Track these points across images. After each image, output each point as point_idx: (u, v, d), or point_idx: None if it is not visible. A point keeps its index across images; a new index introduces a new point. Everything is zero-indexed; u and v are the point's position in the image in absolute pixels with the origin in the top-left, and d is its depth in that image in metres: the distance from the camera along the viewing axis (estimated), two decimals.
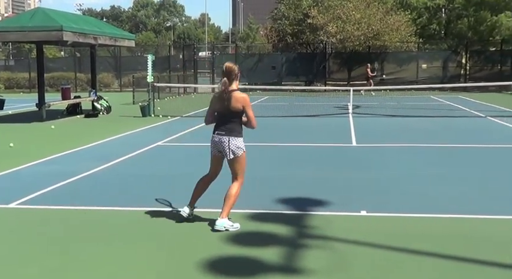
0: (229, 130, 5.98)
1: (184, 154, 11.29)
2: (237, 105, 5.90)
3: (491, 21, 35.28)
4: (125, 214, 6.72)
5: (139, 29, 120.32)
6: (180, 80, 32.34)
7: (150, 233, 5.91)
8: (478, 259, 5.01)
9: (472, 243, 5.47)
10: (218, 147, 6.05)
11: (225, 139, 5.97)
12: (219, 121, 6.07)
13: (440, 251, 5.20)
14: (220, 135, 6.00)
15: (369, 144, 12.24)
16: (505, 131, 14.27)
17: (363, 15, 34.71)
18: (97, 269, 4.90)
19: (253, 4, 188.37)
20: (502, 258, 5.02)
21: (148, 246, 5.48)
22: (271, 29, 44.05)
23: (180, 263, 5.03)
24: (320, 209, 6.71)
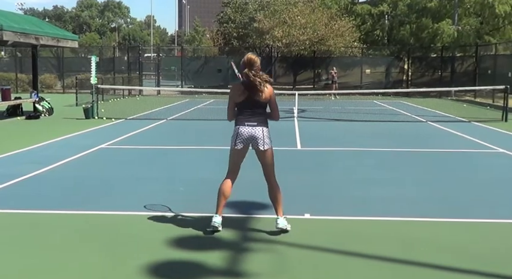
0: (261, 121, 5.79)
1: (128, 156, 11.11)
2: (266, 96, 5.76)
3: (432, 29, 36.21)
4: (64, 218, 6.55)
5: (83, 30, 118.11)
6: (125, 82, 31.91)
7: (91, 237, 5.77)
8: (414, 261, 5.12)
9: (409, 245, 5.58)
10: (248, 139, 5.79)
11: (258, 130, 5.76)
12: (246, 112, 5.80)
13: (381, 253, 5.28)
14: (251, 126, 5.75)
15: (313, 148, 12.36)
16: (444, 136, 14.67)
17: (308, 20, 35.08)
18: (31, 275, 4.75)
19: (200, 7, 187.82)
20: (437, 260, 5.13)
21: (89, 250, 5.35)
22: (218, 32, 44.06)
23: (120, 267, 4.93)
24: (264, 212, 6.72)
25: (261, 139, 5.77)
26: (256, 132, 5.76)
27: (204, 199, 7.32)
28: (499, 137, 14.20)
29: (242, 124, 5.81)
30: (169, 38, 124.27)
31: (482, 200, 7.51)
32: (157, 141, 13.29)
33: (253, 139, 5.79)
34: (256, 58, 5.92)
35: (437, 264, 5.04)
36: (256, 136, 5.77)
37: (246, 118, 5.80)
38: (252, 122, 5.77)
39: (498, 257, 5.26)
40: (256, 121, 5.78)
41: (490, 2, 34.02)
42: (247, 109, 5.81)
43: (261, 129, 5.76)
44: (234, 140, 5.87)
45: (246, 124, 5.78)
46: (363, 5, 43.53)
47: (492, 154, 11.64)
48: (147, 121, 17.34)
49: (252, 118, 5.78)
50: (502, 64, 28.28)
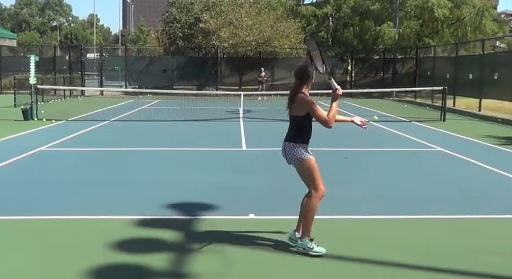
0: (288, 135, 5.59)
1: (69, 159, 10.87)
2: (298, 109, 5.56)
3: (374, 31, 36.93)
4: (2, 223, 6.37)
5: (23, 28, 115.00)
6: (67, 82, 31.18)
7: (32, 242, 5.63)
8: (355, 257, 5.23)
9: (351, 242, 5.69)
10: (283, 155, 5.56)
11: (283, 145, 5.57)
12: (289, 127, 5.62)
13: (335, 251, 5.35)
14: (283, 141, 5.58)
15: (259, 148, 12.41)
16: (386, 135, 14.99)
17: (254, 22, 35.21)
18: None
19: (144, 6, 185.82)
20: (377, 256, 5.25)
21: (29, 255, 5.22)
22: (163, 32, 43.67)
23: (61, 272, 4.83)
24: (208, 213, 6.71)
25: (285, 156, 5.57)
26: (283, 148, 5.58)
27: (147, 202, 7.26)
28: (437, 136, 14.61)
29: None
30: (113, 38, 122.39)
31: (419, 198, 7.71)
32: (99, 143, 13.06)
33: (283, 154, 5.60)
34: (309, 68, 5.75)
35: (377, 259, 5.16)
36: (283, 152, 5.59)
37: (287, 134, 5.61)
38: (285, 137, 5.61)
39: (432, 250, 5.42)
40: (286, 136, 5.62)
41: (430, 6, 34.99)
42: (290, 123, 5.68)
43: (284, 144, 5.57)
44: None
45: (284, 141, 5.61)
46: (307, 6, 43.98)
47: (431, 153, 11.98)
48: (90, 122, 17.02)
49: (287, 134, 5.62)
50: (440, 66, 29.09)
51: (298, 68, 5.73)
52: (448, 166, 10.45)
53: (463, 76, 24.89)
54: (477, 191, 8.20)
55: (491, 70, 22.31)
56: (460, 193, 8.07)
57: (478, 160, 10.67)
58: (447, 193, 8.10)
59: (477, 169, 10.05)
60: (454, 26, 37.38)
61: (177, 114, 20.08)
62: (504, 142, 13.52)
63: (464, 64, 25.83)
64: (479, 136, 14.42)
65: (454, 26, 37.41)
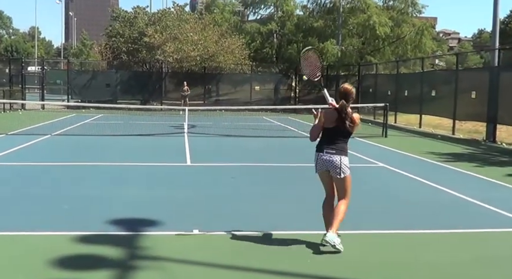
0: (340, 149, 5.98)
1: (8, 174, 10.55)
2: (354, 127, 5.98)
3: (318, 48, 37.56)
4: None
5: None
6: (6, 95, 30.32)
7: None
8: (300, 273, 5.27)
9: (297, 257, 5.73)
10: (327, 166, 5.98)
11: (336, 158, 5.94)
12: (328, 139, 6.01)
13: (268, 266, 5.38)
14: (330, 153, 5.95)
15: (203, 163, 12.38)
16: None
17: (199, 37, 35.26)
18: None
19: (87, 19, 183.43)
20: (323, 271, 5.31)
21: None
22: (106, 46, 43.13)
23: None
24: (152, 229, 6.63)
25: (338, 168, 5.95)
26: (334, 160, 5.95)
27: (89, 217, 7.12)
28: (379, 152, 14.93)
29: (321, 150, 6.02)
30: (55, 51, 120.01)
31: (359, 212, 7.83)
32: (40, 157, 12.75)
33: (330, 166, 5.98)
34: (353, 89, 6.17)
35: (322, 275, 5.21)
36: (333, 164, 5.96)
37: (326, 145, 6.01)
38: (331, 150, 5.97)
39: (365, 264, 5.52)
40: (337, 149, 5.98)
41: (371, 24, 35.92)
42: (331, 134, 5.99)
43: (339, 158, 5.95)
44: (315, 165, 6.11)
45: (325, 152, 5.98)
46: (252, 23, 44.37)
47: (373, 168, 12.22)
48: (30, 136, 16.59)
49: (333, 146, 5.98)
50: (382, 83, 29.77)
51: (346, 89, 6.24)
52: (389, 182, 10.68)
53: (404, 93, 25.57)
54: (417, 206, 8.41)
55: (430, 88, 23.01)
56: (400, 208, 8.27)
57: (419, 175, 10.94)
58: (388, 207, 8.28)
59: (417, 184, 10.30)
60: (395, 44, 38.46)
61: (120, 128, 19.82)
62: (443, 158, 13.93)
63: (405, 81, 26.58)
64: (419, 152, 14.81)
65: (394, 44, 38.48)
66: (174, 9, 41.10)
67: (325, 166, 6.02)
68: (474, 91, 19.44)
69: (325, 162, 5.99)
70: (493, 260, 5.89)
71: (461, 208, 8.42)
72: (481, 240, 6.69)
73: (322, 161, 6.02)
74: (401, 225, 7.21)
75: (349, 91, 6.12)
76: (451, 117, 20.87)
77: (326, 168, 6.03)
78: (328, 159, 5.97)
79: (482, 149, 16.35)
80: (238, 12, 48.98)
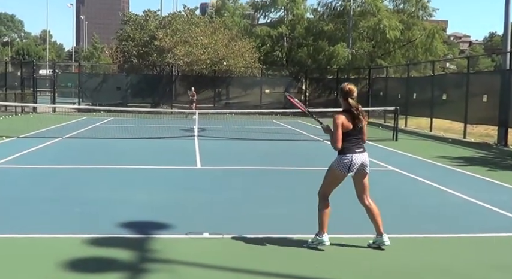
0: (364, 147, 6.18)
1: (19, 176, 10.61)
2: (365, 123, 6.21)
3: (328, 51, 37.54)
4: None
5: None
6: (18, 99, 30.56)
7: None
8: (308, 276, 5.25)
9: (305, 261, 5.71)
10: (360, 165, 6.08)
11: (366, 156, 6.15)
12: (353, 139, 6.11)
13: (279, 270, 5.36)
14: (362, 152, 6.10)
15: (213, 166, 12.38)
16: None
17: (209, 40, 35.34)
18: None
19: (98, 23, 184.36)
20: (331, 275, 5.29)
21: None
22: (117, 50, 43.33)
23: None
24: (162, 232, 6.64)
25: (368, 164, 6.18)
26: (366, 158, 6.15)
27: (99, 220, 7.14)
28: (390, 155, 14.87)
29: (353, 152, 6.06)
30: (66, 54, 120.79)
31: None
32: (51, 160, 12.80)
33: (363, 164, 6.11)
34: (355, 88, 6.21)
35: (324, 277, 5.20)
36: (365, 161, 6.13)
37: (355, 145, 6.11)
38: (361, 148, 6.13)
39: (387, 271, 5.49)
40: (363, 147, 6.17)
41: (382, 28, 35.85)
42: (354, 135, 6.09)
43: (367, 155, 6.19)
44: (347, 167, 6.05)
45: (358, 152, 6.08)
46: (262, 26, 44.44)
47: (383, 172, 12.15)
48: (41, 139, 16.68)
49: (361, 145, 6.16)
50: (392, 87, 29.69)
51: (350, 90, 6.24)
52: (400, 185, 10.64)
53: (415, 97, 25.49)
54: (428, 210, 8.37)
55: (441, 91, 22.92)
56: (411, 212, 8.22)
57: (430, 179, 10.88)
58: (399, 211, 8.24)
59: (428, 188, 10.24)
60: (406, 48, 38.37)
61: (131, 131, 19.89)
62: (455, 162, 13.85)
63: (416, 85, 26.48)
64: (430, 156, 14.74)
65: (405, 47, 38.39)
66: (184, 13, 41.24)
67: (356, 167, 6.09)
68: (485, 95, 19.34)
69: (358, 162, 6.08)
70: (509, 265, 5.83)
71: (474, 212, 8.37)
72: (495, 244, 6.64)
73: (356, 163, 6.07)
74: (412, 229, 7.17)
75: (353, 89, 6.19)
76: (462, 121, 20.77)
77: (357, 168, 6.10)
78: (362, 159, 6.11)
79: (494, 153, 16.25)
80: (248, 15, 49.12)
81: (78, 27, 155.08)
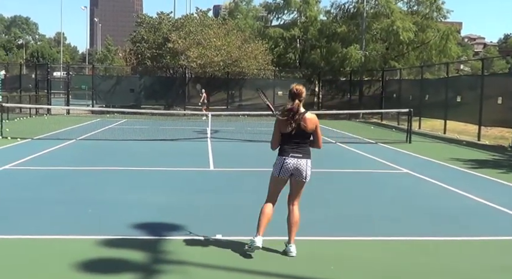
0: (306, 153, 5.93)
1: (34, 178, 10.69)
2: (312, 127, 5.88)
3: (341, 53, 37.42)
4: None
5: None
6: (32, 101, 30.79)
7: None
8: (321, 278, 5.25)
9: (318, 263, 5.70)
10: (293, 170, 5.90)
11: (303, 162, 5.88)
12: (291, 143, 5.91)
13: (290, 271, 5.36)
14: (297, 157, 5.88)
15: (226, 168, 12.40)
16: (352, 156, 15.14)
17: (222, 42, 35.38)
18: None
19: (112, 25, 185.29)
20: (341, 277, 5.27)
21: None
22: (130, 52, 43.50)
23: None
24: (175, 233, 6.66)
25: (304, 171, 5.90)
26: (301, 164, 5.89)
27: (113, 221, 7.18)
28: (403, 158, 14.80)
29: (287, 154, 5.90)
30: (80, 56, 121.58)
31: (386, 219, 7.78)
32: (65, 162, 12.88)
33: (296, 170, 5.90)
34: (303, 89, 6.01)
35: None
36: (300, 168, 5.89)
37: (291, 149, 5.90)
38: (297, 153, 5.90)
39: (400, 273, 5.47)
40: (303, 152, 5.91)
41: (395, 29, 35.66)
42: (292, 139, 5.90)
43: (305, 161, 5.90)
44: (279, 170, 5.94)
45: (291, 156, 5.89)
46: (275, 28, 44.38)
47: (397, 174, 12.12)
48: (55, 141, 16.79)
49: (298, 149, 5.91)
50: (406, 89, 29.57)
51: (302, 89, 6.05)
52: (414, 188, 10.58)
53: (428, 99, 25.37)
54: (442, 213, 8.32)
55: (455, 93, 22.78)
56: (425, 215, 8.18)
57: (443, 181, 10.83)
58: (412, 213, 8.20)
59: (442, 190, 10.19)
60: (419, 49, 38.16)
61: (144, 133, 19.97)
62: (469, 164, 13.76)
63: (430, 87, 26.36)
64: (444, 158, 14.66)
65: (419, 49, 38.18)
66: (197, 15, 41.32)
67: (290, 171, 5.93)
68: (500, 97, 19.20)
69: (291, 166, 5.90)
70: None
71: (488, 215, 8.31)
72: (509, 247, 6.59)
73: (286, 166, 5.91)
74: (426, 232, 7.13)
75: (300, 91, 5.98)
76: (477, 123, 20.62)
77: (291, 172, 5.95)
78: (295, 163, 5.89)
79: (508, 156, 16.12)
80: (261, 17, 49.06)
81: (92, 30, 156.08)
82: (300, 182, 5.99)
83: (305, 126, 5.86)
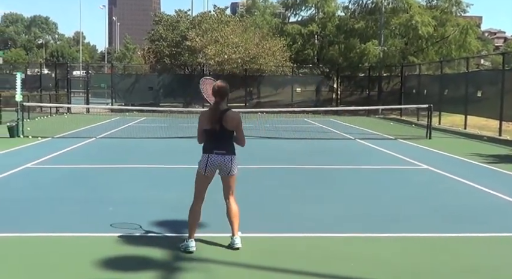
0: (229, 149, 5.96)
1: (55, 176, 10.79)
2: (233, 124, 5.89)
3: (360, 49, 37.21)
4: None
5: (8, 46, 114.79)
6: (52, 100, 31.08)
7: (16, 261, 5.56)
8: (341, 276, 5.22)
9: (337, 260, 5.68)
10: (217, 166, 5.96)
11: (227, 158, 5.94)
12: (215, 140, 5.94)
13: (309, 268, 5.35)
14: (220, 154, 5.92)
15: (244, 166, 12.35)
16: (371, 153, 15.05)
17: (240, 39, 35.39)
18: None
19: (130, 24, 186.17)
20: (364, 275, 5.24)
21: (16, 274, 5.15)
22: (149, 50, 43.70)
23: None
24: (197, 230, 6.66)
25: (229, 167, 5.97)
26: (225, 160, 5.94)
27: (134, 219, 7.21)
28: (423, 154, 14.69)
29: (210, 151, 5.95)
30: (99, 55, 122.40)
31: (406, 215, 7.73)
32: (85, 160, 12.98)
33: (222, 166, 5.97)
34: (226, 86, 5.99)
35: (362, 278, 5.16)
36: (225, 164, 5.95)
37: (214, 146, 5.93)
38: (221, 150, 5.93)
39: (420, 271, 5.43)
40: (226, 149, 5.94)
41: (414, 24, 35.34)
42: (215, 135, 5.91)
43: (229, 158, 5.96)
44: (204, 167, 5.98)
45: (215, 152, 5.92)
46: (293, 24, 44.27)
47: (417, 171, 12.03)
48: (75, 139, 16.93)
49: (221, 146, 5.93)
50: (425, 84, 29.30)
51: (224, 87, 6.00)
52: (434, 184, 10.49)
53: (448, 94, 25.13)
54: (463, 209, 8.25)
55: (476, 88, 22.54)
56: (446, 211, 8.11)
57: (465, 177, 10.72)
58: (433, 210, 8.13)
59: (464, 186, 10.09)
60: (439, 44, 37.78)
61: (163, 131, 20.04)
62: (490, 160, 13.62)
63: (449, 82, 26.10)
64: (465, 154, 14.52)
65: (438, 44, 37.81)
66: (214, 12, 41.37)
67: (215, 167, 5.97)
68: None
69: (215, 163, 5.94)
70: None
71: (510, 211, 8.22)
72: None
73: (211, 162, 5.95)
74: (448, 228, 7.07)
75: (223, 88, 5.96)
76: (498, 118, 20.39)
77: (215, 169, 5.99)
78: (219, 160, 5.94)
79: None
80: (279, 14, 48.97)
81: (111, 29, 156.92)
82: (227, 177, 6.06)
83: (226, 123, 5.86)
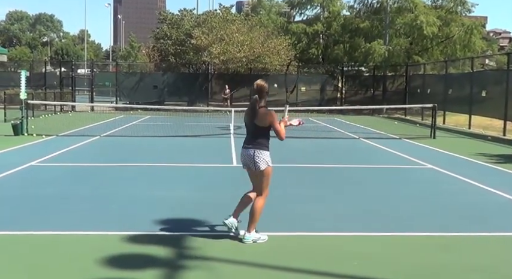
0: (255, 144, 6.13)
1: (59, 174, 10.81)
2: (263, 121, 6.07)
3: (364, 48, 37.16)
4: None
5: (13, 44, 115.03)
6: (57, 98, 31.14)
7: (20, 258, 5.58)
8: (345, 274, 5.23)
9: (340, 259, 5.68)
10: (244, 160, 6.20)
11: (250, 151, 6.11)
12: (247, 134, 6.27)
13: (312, 267, 5.36)
14: (246, 148, 6.15)
15: None
16: (375, 152, 15.04)
17: (245, 38, 35.38)
18: None
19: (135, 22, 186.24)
20: (366, 273, 5.24)
21: (22, 271, 5.17)
22: (154, 48, 43.73)
23: None
24: (200, 229, 6.69)
25: (252, 161, 6.11)
26: (249, 154, 6.14)
27: (138, 217, 7.23)
28: (427, 153, 14.67)
29: (243, 145, 6.28)
30: (104, 53, 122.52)
31: (410, 214, 7.73)
32: (89, 158, 13.01)
33: (247, 160, 6.17)
34: (265, 84, 6.26)
35: (366, 277, 5.15)
36: (248, 158, 6.15)
37: (245, 141, 6.23)
38: (248, 144, 6.19)
39: (426, 270, 5.43)
40: (252, 143, 6.15)
41: (419, 24, 35.27)
42: (248, 131, 6.24)
43: (252, 152, 6.12)
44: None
45: (244, 147, 6.23)
46: (298, 24, 44.25)
47: (421, 170, 12.02)
48: (80, 137, 16.97)
49: (249, 141, 6.20)
50: (430, 84, 29.25)
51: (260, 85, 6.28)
52: (438, 183, 10.48)
53: (453, 94, 25.08)
54: (468, 209, 8.23)
55: (480, 88, 22.48)
56: (450, 210, 8.10)
57: (469, 177, 10.71)
58: (437, 209, 8.13)
59: (467, 186, 10.08)
60: (443, 44, 37.71)
61: (167, 129, 20.07)
62: (495, 159, 13.60)
63: (454, 81, 26.04)
64: (469, 153, 14.50)
65: (443, 43, 37.74)
66: (220, 11, 41.36)
67: (244, 161, 6.22)
68: None
69: (243, 157, 6.21)
70: None
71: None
72: None
73: (241, 157, 6.26)
74: (453, 227, 7.06)
75: (262, 86, 6.23)
76: (502, 118, 20.34)
77: (244, 163, 6.22)
78: (244, 154, 6.20)
79: None
80: (284, 13, 48.97)
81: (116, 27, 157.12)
82: (254, 172, 6.20)
83: (257, 120, 6.11)
